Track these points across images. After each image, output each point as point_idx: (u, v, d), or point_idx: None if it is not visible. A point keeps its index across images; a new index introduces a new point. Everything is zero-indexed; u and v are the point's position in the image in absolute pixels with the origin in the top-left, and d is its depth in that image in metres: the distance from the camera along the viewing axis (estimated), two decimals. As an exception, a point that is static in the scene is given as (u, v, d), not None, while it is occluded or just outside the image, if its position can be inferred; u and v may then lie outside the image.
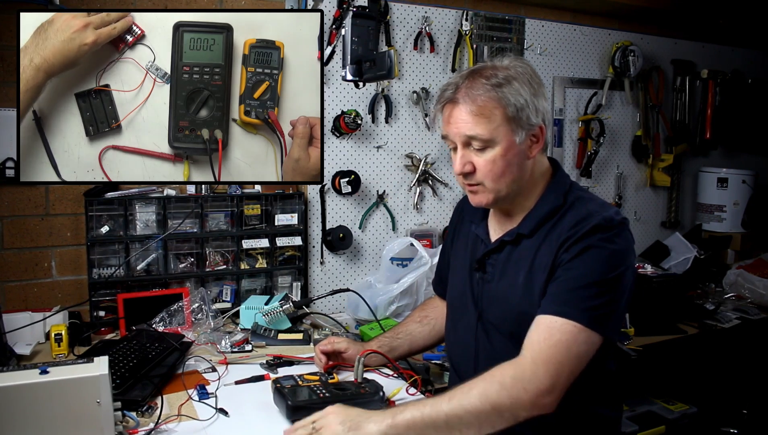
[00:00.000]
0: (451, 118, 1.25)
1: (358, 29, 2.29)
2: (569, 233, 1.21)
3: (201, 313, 1.93)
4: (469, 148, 1.26)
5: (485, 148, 1.24)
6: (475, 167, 1.26)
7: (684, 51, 3.21)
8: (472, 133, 1.23)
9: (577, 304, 1.16)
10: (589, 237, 1.19)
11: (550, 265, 1.22)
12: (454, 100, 1.25)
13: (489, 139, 1.23)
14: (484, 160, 1.25)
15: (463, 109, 1.23)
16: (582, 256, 1.19)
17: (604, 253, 1.19)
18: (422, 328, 1.63)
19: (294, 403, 1.28)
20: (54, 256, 2.03)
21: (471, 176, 1.27)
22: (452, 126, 1.26)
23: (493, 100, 1.22)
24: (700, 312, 2.41)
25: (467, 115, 1.23)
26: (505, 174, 1.26)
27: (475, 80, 1.24)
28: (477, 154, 1.25)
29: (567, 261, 1.20)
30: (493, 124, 1.22)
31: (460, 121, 1.24)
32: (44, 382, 1.10)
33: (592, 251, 1.19)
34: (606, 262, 1.19)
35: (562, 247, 1.21)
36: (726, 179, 3.15)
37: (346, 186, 2.32)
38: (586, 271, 1.18)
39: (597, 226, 1.20)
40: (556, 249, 1.22)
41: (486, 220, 1.42)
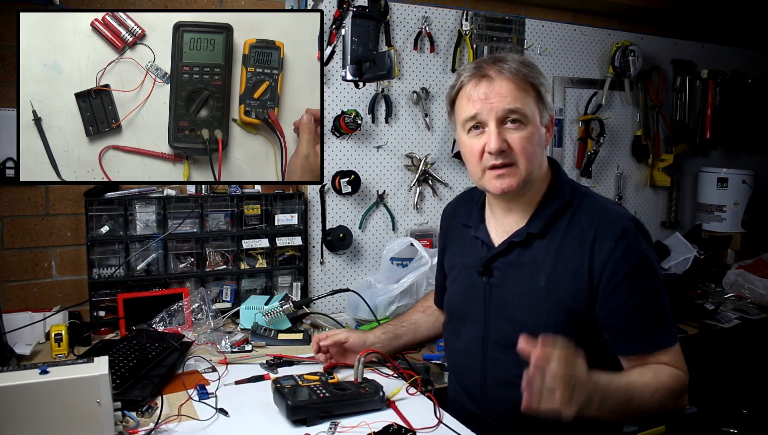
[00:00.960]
0: (488, 92, 1.21)
1: (358, 29, 2.29)
2: (605, 246, 1.20)
3: (201, 313, 1.93)
4: (503, 126, 1.22)
5: (521, 126, 1.21)
6: (509, 145, 1.22)
7: (684, 51, 3.21)
8: (512, 106, 1.20)
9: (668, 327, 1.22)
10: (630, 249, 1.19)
11: (587, 276, 1.20)
12: (487, 76, 1.22)
13: (527, 115, 1.21)
14: (520, 136, 1.21)
15: (501, 84, 1.21)
16: (636, 274, 1.20)
17: (649, 264, 1.21)
18: (426, 318, 1.63)
19: (294, 403, 1.28)
20: (54, 256, 2.03)
21: (506, 155, 1.22)
22: (488, 101, 1.21)
23: (528, 78, 1.22)
24: (700, 312, 2.41)
25: (506, 89, 1.20)
26: (535, 155, 1.24)
27: (503, 61, 1.23)
28: (511, 132, 1.21)
29: (623, 279, 1.19)
30: (529, 101, 1.22)
31: (498, 95, 1.20)
32: (44, 382, 1.10)
33: (640, 270, 1.20)
34: (655, 272, 1.22)
35: (605, 266, 1.19)
36: (726, 179, 3.15)
37: (346, 186, 2.32)
38: (651, 289, 1.21)
39: (627, 230, 1.20)
40: (588, 258, 1.20)
41: (484, 223, 1.38)
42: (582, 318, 1.23)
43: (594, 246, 1.21)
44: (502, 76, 1.21)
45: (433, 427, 1.29)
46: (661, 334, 1.21)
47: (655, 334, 1.21)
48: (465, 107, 1.25)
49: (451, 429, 1.28)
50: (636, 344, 1.22)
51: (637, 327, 1.21)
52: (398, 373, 1.56)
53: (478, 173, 1.28)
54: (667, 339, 1.22)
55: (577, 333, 1.23)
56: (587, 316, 1.22)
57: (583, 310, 1.22)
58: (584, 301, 1.22)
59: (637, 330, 1.21)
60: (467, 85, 1.25)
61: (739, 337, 2.38)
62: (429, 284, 2.13)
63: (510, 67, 1.22)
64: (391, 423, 1.26)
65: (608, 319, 1.22)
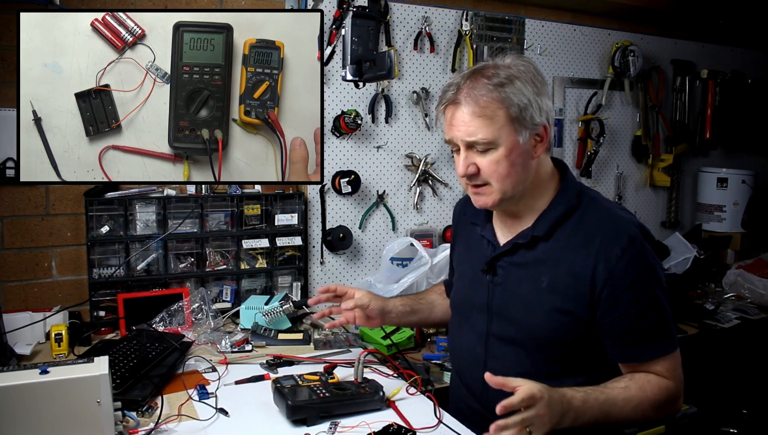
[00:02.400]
0: (454, 120, 1.24)
1: (358, 29, 2.29)
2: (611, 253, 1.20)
3: (201, 313, 1.93)
4: (472, 150, 1.24)
5: (489, 150, 1.22)
6: (479, 168, 1.24)
7: (684, 51, 3.21)
8: (473, 137, 1.21)
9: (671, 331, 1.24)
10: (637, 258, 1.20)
11: (590, 281, 1.21)
12: (456, 101, 1.23)
13: (492, 140, 1.21)
14: (488, 161, 1.23)
15: (465, 111, 1.21)
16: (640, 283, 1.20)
17: (654, 272, 1.22)
18: (443, 301, 1.63)
19: (294, 403, 1.28)
20: (54, 256, 2.03)
21: (475, 177, 1.25)
22: (455, 128, 1.24)
23: (496, 101, 1.20)
24: (700, 312, 2.42)
25: (469, 117, 1.21)
26: (510, 174, 1.24)
27: (476, 80, 1.22)
28: (480, 155, 1.23)
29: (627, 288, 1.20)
30: (496, 125, 1.21)
31: (462, 123, 1.22)
32: (44, 381, 1.10)
33: (644, 280, 1.21)
34: (659, 280, 1.22)
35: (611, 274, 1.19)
36: (726, 179, 3.15)
37: (346, 186, 2.32)
38: (654, 298, 1.21)
39: (634, 238, 1.21)
40: (593, 263, 1.21)
41: (491, 222, 1.39)
42: (582, 321, 1.23)
43: (599, 251, 1.21)
44: (468, 102, 1.21)
45: (433, 426, 1.29)
46: (659, 343, 1.22)
47: (652, 343, 1.22)
48: (445, 128, 1.29)
49: (451, 429, 1.28)
50: (632, 352, 1.23)
51: (636, 336, 1.21)
52: (398, 373, 1.56)
53: (464, 186, 1.32)
54: (667, 346, 1.23)
55: (576, 335, 1.24)
56: (587, 319, 1.23)
57: (583, 314, 1.22)
58: (585, 305, 1.22)
59: (636, 338, 1.22)
60: (445, 109, 1.27)
61: (739, 337, 2.38)
62: (429, 284, 2.13)
63: (477, 94, 1.21)
64: (391, 423, 1.26)
65: (609, 327, 1.22)
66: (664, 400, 1.22)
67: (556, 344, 1.25)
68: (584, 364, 1.26)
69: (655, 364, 1.23)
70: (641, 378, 1.22)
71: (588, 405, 1.15)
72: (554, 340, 1.25)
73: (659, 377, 1.23)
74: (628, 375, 1.24)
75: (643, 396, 1.20)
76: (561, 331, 1.24)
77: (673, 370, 1.24)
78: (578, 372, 1.25)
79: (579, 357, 1.26)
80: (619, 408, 1.18)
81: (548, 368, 1.24)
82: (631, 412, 1.19)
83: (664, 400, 1.22)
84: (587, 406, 1.15)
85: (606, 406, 1.17)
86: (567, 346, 1.25)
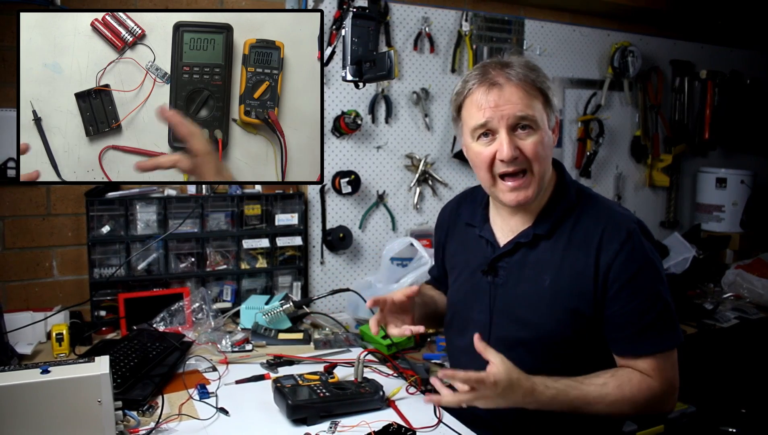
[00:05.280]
0: (499, 100, 1.20)
1: (358, 30, 2.28)
2: (610, 248, 1.20)
3: (201, 312, 1.93)
4: (514, 133, 1.21)
5: (531, 131, 1.21)
6: (522, 152, 1.21)
7: (683, 51, 3.21)
8: (523, 112, 1.19)
9: (670, 328, 1.23)
10: (635, 252, 1.20)
11: (592, 277, 1.21)
12: (496, 83, 1.21)
13: (537, 120, 1.20)
14: (532, 142, 1.20)
15: (511, 91, 1.20)
16: (639, 277, 1.20)
17: (653, 266, 1.22)
18: (440, 296, 1.61)
19: (294, 403, 1.29)
20: (55, 255, 2.04)
21: (518, 161, 1.21)
22: (498, 109, 1.20)
23: (536, 83, 1.21)
24: (699, 312, 2.42)
25: (516, 96, 1.19)
26: (547, 158, 1.24)
27: (507, 66, 1.22)
28: (522, 138, 1.21)
29: (626, 282, 1.20)
30: (539, 105, 1.21)
31: (508, 102, 1.19)
32: (45, 381, 1.10)
33: (643, 274, 1.20)
34: (658, 274, 1.22)
35: (610, 268, 1.20)
36: (725, 179, 3.15)
37: (346, 186, 2.32)
38: (653, 292, 1.21)
39: (633, 232, 1.21)
40: (594, 259, 1.21)
41: (488, 223, 1.39)
42: (585, 318, 1.23)
43: (600, 248, 1.21)
44: (511, 82, 1.20)
45: (432, 426, 1.29)
46: (661, 335, 1.22)
47: (653, 336, 1.21)
48: (474, 115, 1.24)
49: (450, 428, 1.29)
50: (632, 346, 1.23)
51: (637, 330, 1.21)
52: (398, 373, 1.57)
53: (488, 181, 1.27)
54: (669, 340, 1.22)
55: (579, 333, 1.24)
56: (591, 316, 1.23)
57: (587, 311, 1.23)
58: (589, 302, 1.22)
59: (636, 332, 1.22)
60: (476, 93, 1.23)
61: (738, 337, 2.39)
62: (429, 284, 2.13)
63: (518, 73, 1.21)
64: (391, 422, 1.26)
65: (609, 320, 1.23)
66: (641, 401, 1.20)
67: (560, 342, 1.25)
68: (585, 362, 1.26)
69: (642, 362, 1.22)
70: (623, 376, 1.21)
71: (557, 400, 1.17)
72: (559, 337, 1.25)
73: (643, 376, 1.21)
74: (611, 371, 1.23)
75: (620, 394, 1.19)
76: (564, 330, 1.24)
77: (660, 370, 1.22)
78: (578, 370, 1.25)
79: (580, 354, 1.27)
80: (590, 405, 1.18)
81: (549, 366, 1.24)
82: (604, 408, 1.19)
83: (641, 401, 1.20)
84: (556, 401, 1.16)
85: (577, 402, 1.18)
86: (570, 344, 1.25)
